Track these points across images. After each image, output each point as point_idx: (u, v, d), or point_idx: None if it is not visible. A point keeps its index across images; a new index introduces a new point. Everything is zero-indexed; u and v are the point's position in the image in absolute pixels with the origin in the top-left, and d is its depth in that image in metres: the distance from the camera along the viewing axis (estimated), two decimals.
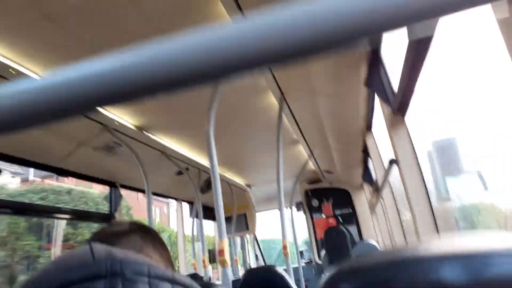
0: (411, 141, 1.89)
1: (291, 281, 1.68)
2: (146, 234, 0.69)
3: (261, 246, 6.61)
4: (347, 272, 0.31)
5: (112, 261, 0.51)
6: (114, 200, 3.08)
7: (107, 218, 3.04)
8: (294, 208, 5.20)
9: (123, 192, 3.22)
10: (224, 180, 4.25)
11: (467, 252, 0.29)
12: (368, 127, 3.09)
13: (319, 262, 5.23)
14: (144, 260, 0.55)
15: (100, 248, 0.55)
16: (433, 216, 1.81)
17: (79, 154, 2.54)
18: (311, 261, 5.67)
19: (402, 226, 3.32)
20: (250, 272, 1.77)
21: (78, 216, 2.89)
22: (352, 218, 5.32)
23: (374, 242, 4.79)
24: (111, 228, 0.68)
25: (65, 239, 8.44)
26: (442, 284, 0.28)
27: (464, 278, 0.28)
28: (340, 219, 5.38)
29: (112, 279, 0.49)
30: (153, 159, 3.11)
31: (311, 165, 4.35)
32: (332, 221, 5.38)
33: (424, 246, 0.32)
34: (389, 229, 3.88)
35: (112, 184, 3.14)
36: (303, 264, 5.35)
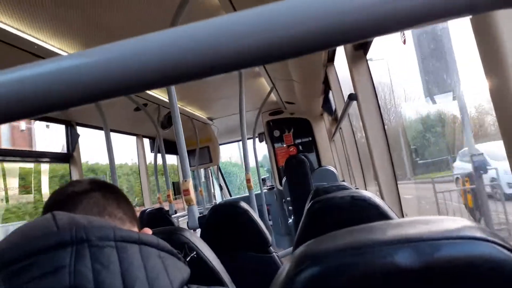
0: (371, 77, 1.92)
1: (255, 215, 1.76)
2: (108, 192, 0.66)
3: (224, 175, 6.80)
4: (310, 257, 0.33)
5: (77, 228, 0.51)
6: (71, 139, 2.97)
7: (65, 158, 2.95)
8: (256, 139, 5.30)
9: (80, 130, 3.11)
10: (185, 114, 4.18)
11: (418, 237, 0.31)
12: (330, 59, 3.08)
13: (280, 188, 5.49)
14: (108, 224, 0.55)
15: (62, 215, 0.54)
16: (388, 149, 1.92)
17: None
18: (272, 187, 5.94)
19: (358, 154, 3.50)
20: (215, 209, 1.83)
21: (34, 157, 2.78)
22: (311, 146, 5.51)
23: (332, 168, 5.06)
24: (71, 188, 0.64)
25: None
26: (397, 268, 0.30)
27: (416, 262, 0.30)
28: (301, 148, 5.56)
29: (79, 246, 0.49)
30: None
31: (273, 97, 4.35)
32: (292, 149, 5.56)
33: (380, 230, 0.34)
34: (346, 157, 4.08)
35: (67, 123, 3.01)
36: (265, 191, 5.60)
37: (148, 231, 0.67)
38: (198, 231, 1.97)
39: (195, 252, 0.73)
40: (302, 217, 1.14)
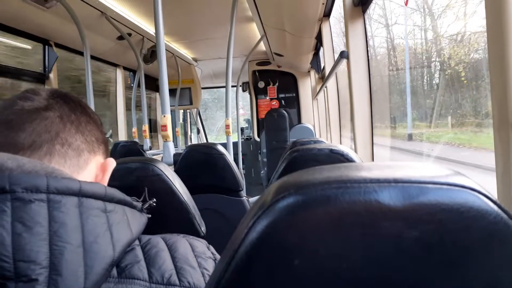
0: (365, 37, 1.87)
1: (230, 158, 1.76)
2: (69, 110, 0.53)
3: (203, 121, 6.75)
4: (292, 186, 0.31)
5: None
6: (47, 59, 2.82)
7: (40, 78, 2.82)
8: (240, 87, 5.22)
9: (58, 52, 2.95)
10: (169, 51, 4.03)
11: (406, 179, 0.31)
12: (327, 14, 2.98)
13: (257, 139, 5.53)
14: (42, 168, 0.43)
15: None
16: (371, 113, 1.92)
17: (4, 2, 2.21)
18: (250, 138, 5.97)
19: (339, 115, 3.52)
20: (191, 148, 1.82)
21: (5, 73, 2.63)
22: (294, 102, 5.50)
23: (310, 126, 5.10)
24: (21, 103, 0.50)
25: None
26: (381, 206, 0.30)
27: (400, 202, 0.30)
28: (283, 102, 5.55)
29: None
30: (92, 19, 2.81)
31: (262, 46, 4.24)
32: (275, 103, 5.54)
33: (367, 169, 0.33)
34: (327, 117, 4.09)
35: (45, 42, 2.85)
36: (242, 140, 5.63)
37: (111, 162, 0.58)
38: (172, 168, 1.96)
39: (154, 200, 0.63)
40: (278, 165, 1.14)
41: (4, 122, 0.49)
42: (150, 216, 0.56)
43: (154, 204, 0.63)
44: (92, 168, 0.55)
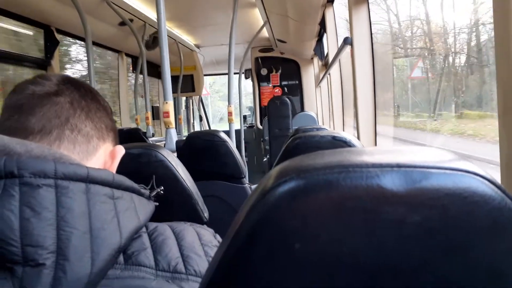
0: (370, 23, 1.85)
1: (232, 145, 1.75)
2: (79, 97, 0.53)
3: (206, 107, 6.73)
4: (293, 171, 0.31)
5: (7, 159, 0.41)
6: (50, 45, 2.81)
7: (41, 64, 2.81)
8: (242, 75, 5.19)
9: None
10: (171, 37, 4.00)
11: (408, 163, 0.31)
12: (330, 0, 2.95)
13: (260, 127, 5.52)
14: (50, 154, 0.44)
15: None
16: (374, 100, 1.91)
17: None
18: (252, 126, 5.95)
19: (343, 102, 3.50)
20: (193, 135, 1.82)
21: (6, 58, 2.62)
22: (297, 90, 5.47)
23: (313, 114, 5.08)
24: (32, 87, 0.51)
25: None
26: (383, 191, 0.30)
27: (403, 187, 0.29)
28: (286, 90, 5.52)
29: (8, 182, 0.40)
30: (93, 5, 2.78)
31: (265, 32, 4.20)
32: (278, 90, 5.51)
33: (370, 153, 0.32)
34: (330, 104, 4.08)
35: (46, 28, 2.83)
36: (245, 128, 5.62)
37: (120, 149, 0.58)
38: (174, 155, 1.97)
39: (162, 188, 0.63)
40: (280, 152, 1.14)
41: (15, 106, 0.50)
42: (157, 204, 0.56)
43: (162, 192, 0.63)
44: (101, 154, 0.55)
